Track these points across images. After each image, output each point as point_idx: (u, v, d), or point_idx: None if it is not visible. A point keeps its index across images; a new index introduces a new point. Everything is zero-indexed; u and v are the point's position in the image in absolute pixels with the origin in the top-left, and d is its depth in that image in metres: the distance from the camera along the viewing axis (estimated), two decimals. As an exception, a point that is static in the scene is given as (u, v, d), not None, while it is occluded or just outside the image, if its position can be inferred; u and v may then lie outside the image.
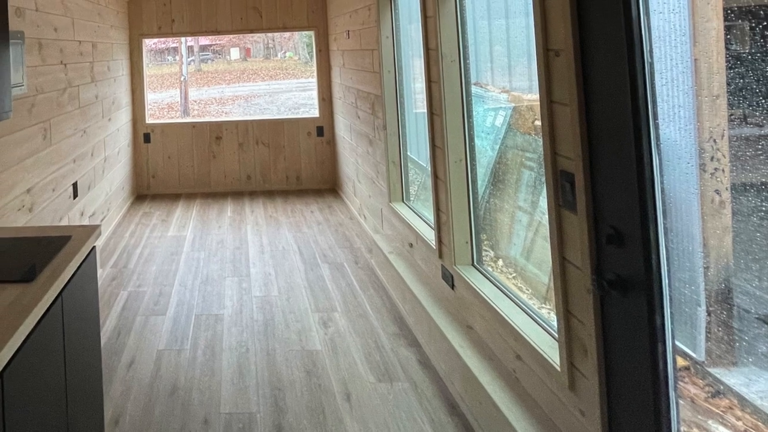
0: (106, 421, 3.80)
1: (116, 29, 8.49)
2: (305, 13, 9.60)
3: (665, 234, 2.16)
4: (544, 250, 4.02)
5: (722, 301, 2.28)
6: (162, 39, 10.67)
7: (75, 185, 6.13)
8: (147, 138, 9.57)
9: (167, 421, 3.76)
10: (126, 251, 6.88)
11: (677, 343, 2.23)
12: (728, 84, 2.15)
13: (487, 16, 4.84)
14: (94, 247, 3.48)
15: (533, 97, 4.44)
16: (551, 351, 2.93)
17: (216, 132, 9.65)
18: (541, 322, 3.21)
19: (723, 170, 2.23)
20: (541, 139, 2.95)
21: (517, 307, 3.45)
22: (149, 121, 9.80)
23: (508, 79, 4.91)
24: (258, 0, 9.55)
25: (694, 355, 2.38)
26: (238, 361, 4.36)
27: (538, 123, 4.08)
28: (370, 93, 6.74)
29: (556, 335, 2.85)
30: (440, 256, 4.43)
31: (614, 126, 2.29)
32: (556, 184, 2.73)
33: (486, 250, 4.36)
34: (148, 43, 9.94)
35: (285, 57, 40.40)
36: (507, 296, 3.60)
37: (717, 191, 2.23)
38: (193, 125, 9.74)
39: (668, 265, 2.15)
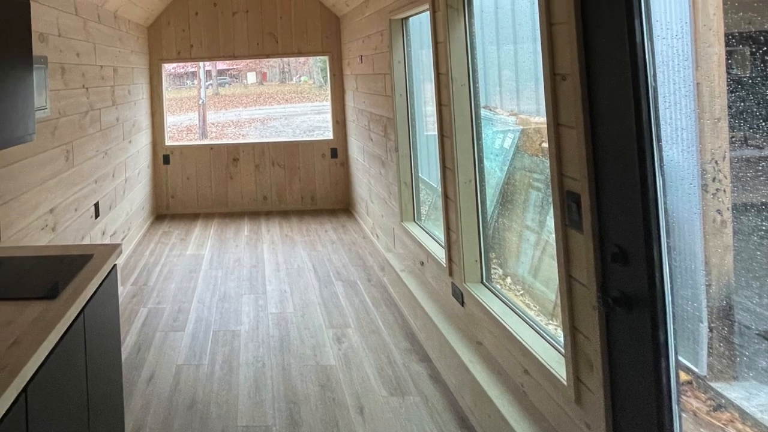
0: (127, 434, 3.84)
1: (137, 54, 8.54)
2: (320, 38, 9.60)
3: (668, 252, 2.16)
4: (551, 268, 4.00)
5: (723, 317, 2.27)
6: (181, 63, 10.61)
7: (97, 205, 6.14)
8: (166, 159, 9.58)
9: (186, 433, 3.80)
10: (146, 269, 6.88)
11: (680, 358, 2.23)
12: (729, 107, 2.15)
13: (495, 41, 4.81)
14: (115, 265, 3.49)
15: (540, 119, 4.41)
16: (558, 366, 2.92)
17: (233, 154, 9.66)
18: (548, 337, 3.21)
19: (724, 191, 2.22)
20: (548, 161, 2.95)
21: (524, 323, 3.44)
22: (168, 143, 9.82)
23: (516, 103, 4.88)
24: (274, 26, 9.57)
25: (696, 369, 2.37)
26: (255, 375, 4.36)
27: (546, 145, 4.08)
28: (383, 116, 6.74)
29: (563, 351, 2.86)
30: (450, 274, 4.41)
31: (619, 148, 2.29)
32: (562, 204, 2.74)
33: (495, 268, 4.34)
34: (168, 68, 9.92)
35: (300, 81, 40.14)
36: (515, 313, 3.59)
37: (719, 211, 2.23)
38: (211, 147, 9.77)
39: (671, 282, 2.15)
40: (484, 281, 4.12)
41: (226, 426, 3.79)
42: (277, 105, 32.47)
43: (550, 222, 4.05)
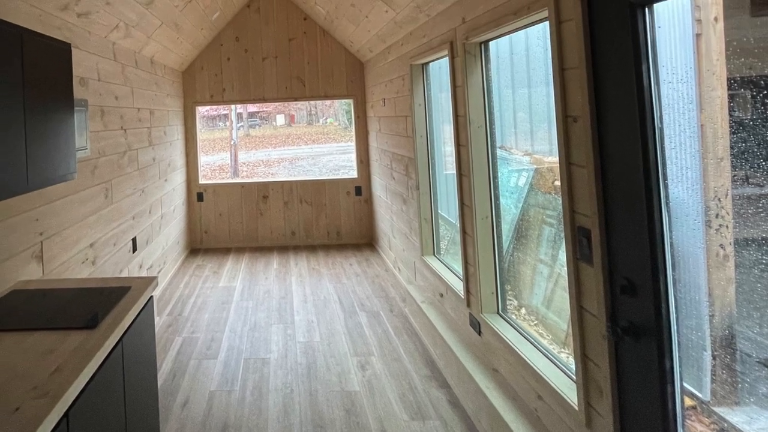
0: (163, 456, 3.85)
1: (172, 97, 8.58)
2: (345, 82, 9.61)
3: (674, 284, 2.18)
4: (563, 300, 3.97)
5: (726, 346, 2.25)
6: (214, 106, 10.62)
7: (134, 240, 6.18)
8: (200, 197, 9.59)
9: (219, 456, 3.80)
10: (181, 300, 6.88)
11: (685, 384, 2.21)
12: (731, 147, 2.18)
13: (511, 85, 4.76)
14: (151, 296, 3.54)
15: (553, 159, 4.39)
16: (570, 392, 2.92)
17: (263, 191, 9.65)
18: (561, 365, 3.21)
19: (727, 226, 2.22)
20: (560, 198, 2.94)
21: (538, 351, 3.44)
22: (202, 181, 9.79)
23: (530, 143, 4.82)
24: (301, 70, 9.58)
25: (700, 395, 2.34)
26: (284, 401, 4.36)
27: (558, 183, 4.03)
28: (404, 156, 6.73)
29: (574, 377, 2.85)
30: (468, 305, 4.40)
31: (627, 186, 2.31)
32: (574, 239, 2.75)
33: (510, 300, 4.28)
34: (201, 110, 9.87)
35: (326, 123, 40.04)
36: (529, 342, 3.59)
37: (721, 246, 2.23)
38: (242, 185, 9.72)
39: (677, 313, 2.17)
40: (500, 312, 4.12)
41: (256, 448, 3.80)
42: (305, 145, 32.30)
43: (562, 256, 4.03)
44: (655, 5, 2.20)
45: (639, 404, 2.30)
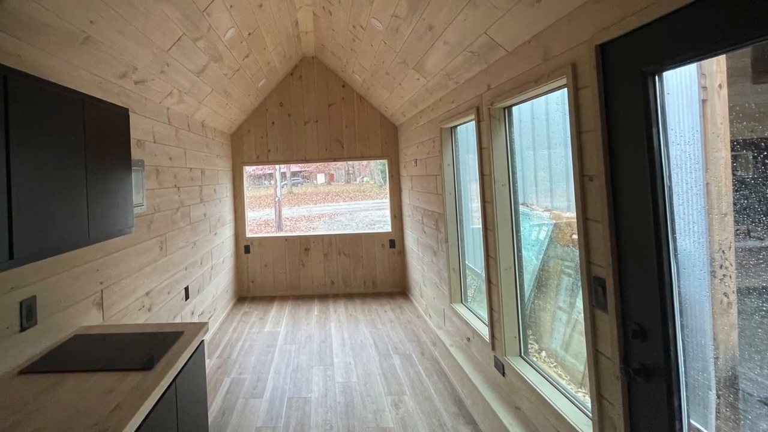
0: (213, 490, 3.81)
1: (221, 158, 8.59)
2: (380, 144, 9.61)
3: (682, 329, 2.19)
4: (580, 343, 3.94)
5: (729, 386, 2.28)
6: (260, 166, 10.66)
7: (187, 289, 6.20)
8: (247, 249, 9.58)
9: (264, 487, 3.76)
10: (229, 344, 6.90)
11: (692, 421, 2.21)
12: (734, 204, 2.25)
13: (532, 146, 4.70)
14: (202, 341, 3.57)
15: (571, 214, 4.43)
16: (586, 428, 2.92)
17: (305, 244, 9.64)
18: (578, 404, 3.21)
19: (730, 276, 2.26)
20: (577, 250, 2.95)
21: (557, 391, 3.45)
22: (249, 235, 9.76)
23: (550, 200, 4.83)
24: (340, 133, 9.60)
25: (706, 431, 2.35)
26: (324, 436, 4.36)
27: (575, 236, 4.00)
28: (434, 211, 6.70)
29: (591, 415, 2.86)
30: (493, 348, 4.39)
31: (639, 239, 2.34)
32: (590, 287, 2.77)
33: (531, 343, 4.22)
34: (248, 170, 9.84)
35: (363, 181, 39.79)
36: (549, 382, 3.59)
37: (725, 294, 2.27)
38: (286, 239, 9.70)
39: (684, 355, 2.19)
40: (522, 354, 4.11)
41: (299, 480, 3.77)
42: (343, 202, 31.95)
43: (579, 303, 4.02)
44: (665, 73, 2.23)
45: (649, 439, 2.30)
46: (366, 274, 9.70)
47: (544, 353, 4.41)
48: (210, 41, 4.98)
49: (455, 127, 6.02)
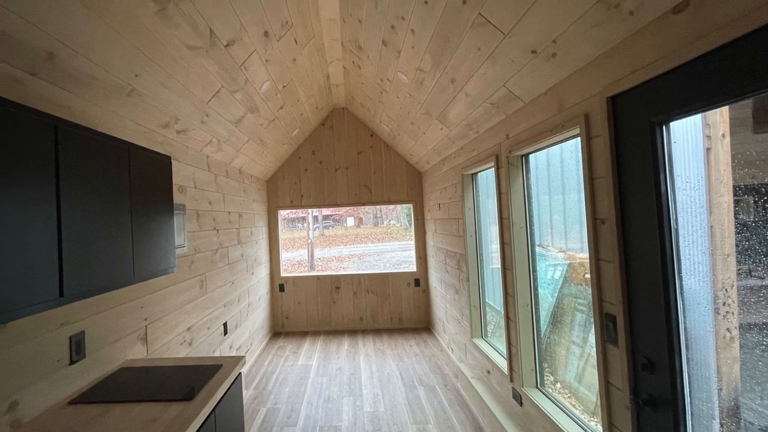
0: None
1: (257, 202, 8.60)
2: (406, 189, 9.57)
3: (687, 363, 2.23)
4: (592, 376, 3.92)
5: (732, 415, 2.21)
6: (293, 210, 10.70)
7: (225, 325, 6.21)
8: (281, 288, 9.60)
9: None
10: (265, 376, 6.90)
11: None
12: (737, 245, 2.20)
13: (548, 191, 4.51)
14: (240, 373, 3.57)
15: (584, 255, 4.40)
16: None
17: (336, 283, 9.62)
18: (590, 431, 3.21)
19: (733, 313, 2.21)
20: (590, 289, 3.01)
21: (571, 420, 3.46)
22: (283, 274, 9.75)
23: (564, 242, 4.64)
24: (368, 179, 9.61)
25: None
26: (354, 463, 4.27)
27: (588, 276, 4.05)
28: (456, 252, 6.71)
29: None
30: (511, 380, 4.39)
31: (648, 278, 2.36)
32: (602, 323, 2.78)
33: (547, 376, 4.26)
34: (282, 213, 9.83)
35: (390, 224, 39.59)
36: (564, 412, 3.60)
37: (728, 329, 2.22)
38: (318, 278, 9.67)
39: (690, 387, 2.22)
40: (539, 386, 4.12)
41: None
42: (371, 243, 31.82)
43: (592, 338, 3.99)
44: (672, 123, 2.26)
45: (657, 466, 2.35)
46: (392, 310, 9.64)
47: (559, 385, 4.31)
48: (247, 93, 5.05)
49: (476, 173, 6.03)
